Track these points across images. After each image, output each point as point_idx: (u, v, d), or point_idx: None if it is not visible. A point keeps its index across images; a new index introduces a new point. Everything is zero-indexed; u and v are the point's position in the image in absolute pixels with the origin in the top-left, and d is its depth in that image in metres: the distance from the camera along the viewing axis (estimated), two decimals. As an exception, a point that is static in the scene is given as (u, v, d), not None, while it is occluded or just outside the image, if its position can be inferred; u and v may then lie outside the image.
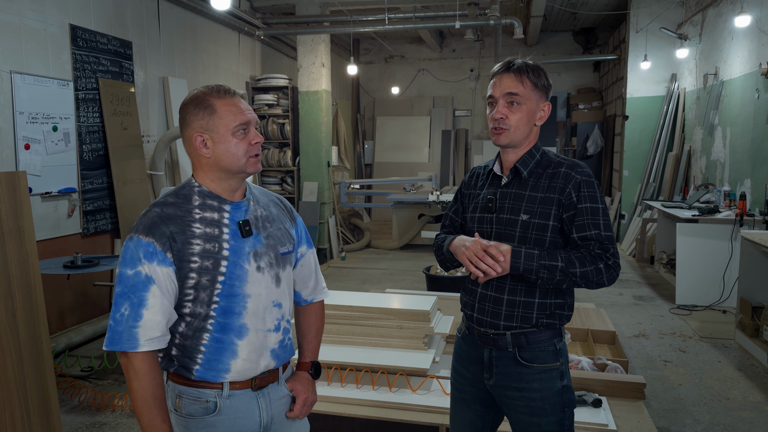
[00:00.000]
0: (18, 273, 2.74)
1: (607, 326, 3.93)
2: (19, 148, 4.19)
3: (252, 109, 1.57)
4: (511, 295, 1.66)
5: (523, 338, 1.67)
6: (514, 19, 7.08)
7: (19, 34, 4.23)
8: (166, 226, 1.41)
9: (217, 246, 1.44)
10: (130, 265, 1.39)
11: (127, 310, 1.37)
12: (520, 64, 1.66)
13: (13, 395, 2.66)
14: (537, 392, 1.66)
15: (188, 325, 1.45)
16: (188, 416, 1.47)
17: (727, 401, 3.51)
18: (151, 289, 1.38)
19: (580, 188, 1.63)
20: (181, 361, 1.47)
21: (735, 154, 6.30)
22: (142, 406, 1.38)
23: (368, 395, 2.77)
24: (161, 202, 1.46)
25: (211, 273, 1.42)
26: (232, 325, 1.45)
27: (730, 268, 5.32)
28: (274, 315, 1.53)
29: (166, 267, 1.39)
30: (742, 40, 6.15)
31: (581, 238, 1.61)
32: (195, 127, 1.45)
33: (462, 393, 1.82)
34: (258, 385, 1.51)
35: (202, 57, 6.83)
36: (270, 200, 1.63)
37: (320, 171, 8.01)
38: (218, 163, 1.46)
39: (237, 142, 1.45)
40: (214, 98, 1.45)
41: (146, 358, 1.39)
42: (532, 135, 1.70)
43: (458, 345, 1.85)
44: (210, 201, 1.47)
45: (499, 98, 1.65)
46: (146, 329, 1.37)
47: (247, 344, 1.47)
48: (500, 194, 1.71)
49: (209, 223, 1.45)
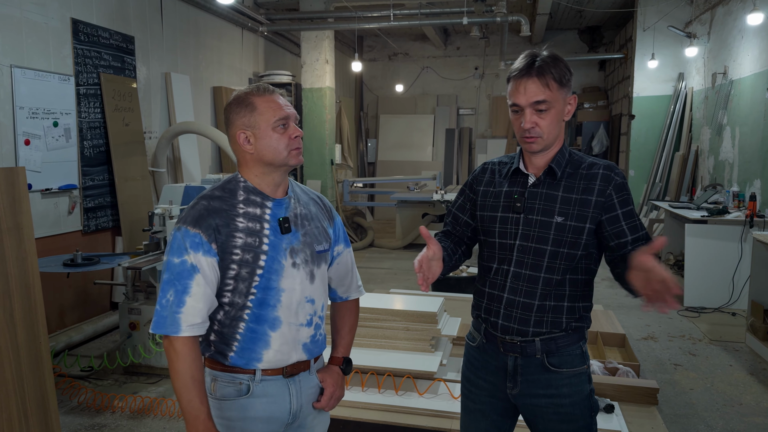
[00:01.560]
0: (16, 272, 2.68)
1: (616, 329, 3.86)
2: (19, 144, 4.12)
3: (291, 105, 1.60)
4: (542, 300, 1.59)
5: (553, 344, 1.60)
6: (521, 16, 7.00)
7: (19, 27, 4.16)
8: (212, 219, 1.48)
9: (258, 240, 1.51)
10: (177, 253, 1.46)
11: (171, 296, 1.45)
12: (542, 64, 1.53)
13: (11, 397, 2.59)
14: (567, 398, 1.60)
15: (226, 314, 1.52)
16: (222, 398, 1.53)
17: (740, 406, 3.44)
18: (195, 278, 1.45)
19: (622, 191, 1.58)
20: (218, 347, 1.54)
21: (744, 155, 6.22)
22: (182, 387, 1.44)
23: (374, 398, 2.70)
24: (208, 195, 1.53)
25: (251, 266, 1.49)
26: (266, 317, 1.52)
27: (740, 270, 5.23)
28: (306, 310, 1.58)
29: (211, 257, 1.47)
30: (752, 38, 6.06)
31: (635, 239, 1.57)
32: (238, 125, 1.53)
33: (478, 404, 1.72)
34: (289, 372, 1.57)
35: (205, 53, 6.76)
36: (310, 199, 1.68)
37: (323, 169, 7.94)
38: (261, 158, 1.53)
39: (278, 137, 1.52)
40: (254, 96, 1.53)
41: (187, 342, 1.45)
42: (561, 132, 1.63)
43: (470, 354, 1.75)
44: (254, 197, 1.54)
45: (525, 107, 1.54)
46: (188, 315, 1.44)
47: (279, 336, 1.53)
48: (528, 194, 1.62)
49: (252, 218, 1.52)
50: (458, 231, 1.79)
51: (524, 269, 1.59)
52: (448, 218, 1.82)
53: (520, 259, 1.60)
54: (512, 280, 1.61)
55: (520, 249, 1.60)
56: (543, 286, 1.59)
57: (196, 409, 1.43)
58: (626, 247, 1.56)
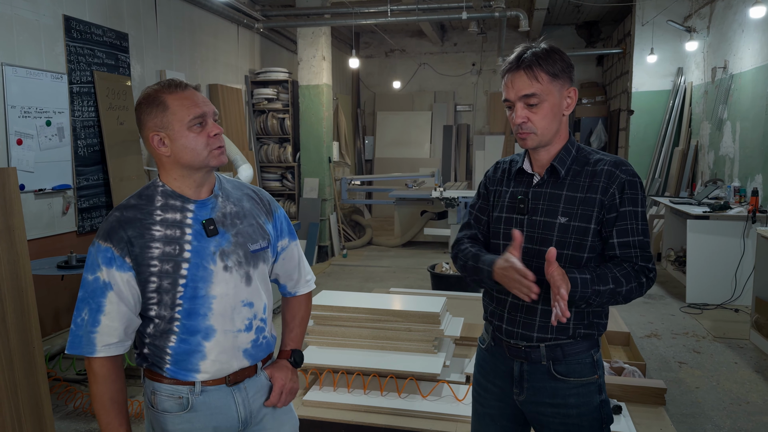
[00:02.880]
0: (8, 275, 2.62)
1: (620, 327, 3.81)
2: (11, 144, 4.04)
3: (209, 100, 1.50)
4: (545, 304, 1.52)
5: (559, 351, 1.53)
6: (520, 11, 6.94)
7: (10, 25, 4.08)
8: (124, 231, 1.40)
9: (177, 248, 1.42)
10: (90, 270, 1.41)
11: (86, 315, 1.40)
12: (530, 57, 1.47)
13: (3, 402, 2.53)
14: (574, 408, 1.53)
15: (155, 327, 1.46)
16: (164, 412, 1.48)
17: (747, 405, 3.39)
18: (108, 296, 1.39)
19: (625, 189, 1.49)
20: (153, 359, 1.48)
21: (745, 149, 6.17)
22: (100, 409, 1.42)
23: (377, 401, 2.65)
24: (123, 205, 1.45)
25: (172, 276, 1.41)
26: (197, 327, 1.45)
27: (743, 266, 5.19)
28: (244, 315, 1.50)
29: (125, 272, 1.39)
30: (753, 32, 6.01)
31: (622, 244, 1.48)
32: (150, 126, 1.42)
33: (487, 408, 1.67)
34: (233, 380, 1.50)
35: (201, 50, 6.67)
36: (243, 194, 1.58)
37: (321, 167, 7.87)
38: (179, 161, 1.43)
39: (194, 137, 1.42)
40: (165, 94, 1.42)
41: (105, 363, 1.41)
42: (562, 128, 1.54)
43: (481, 357, 1.70)
44: (173, 201, 1.45)
45: (515, 101, 1.49)
46: (103, 335, 1.39)
47: (215, 345, 1.46)
48: (532, 194, 1.56)
49: (170, 225, 1.43)
50: (483, 232, 1.71)
51: None
52: (470, 219, 1.74)
53: (525, 262, 1.52)
54: None
55: (524, 251, 1.53)
56: (546, 289, 1.49)
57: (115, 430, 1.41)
58: (613, 250, 1.49)
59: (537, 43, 1.52)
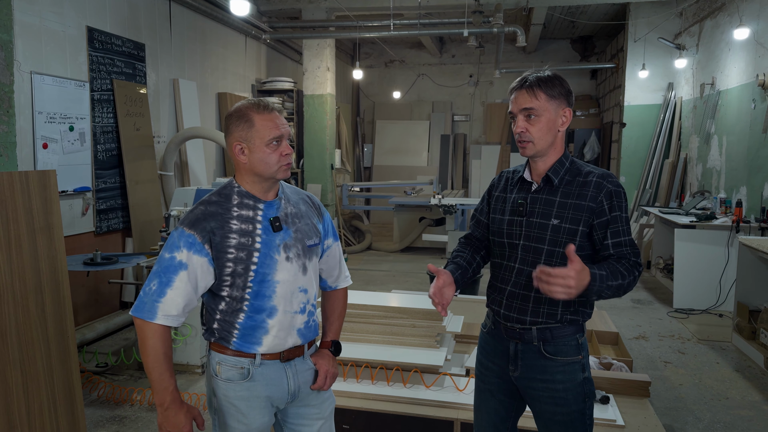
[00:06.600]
0: (47, 269, 2.82)
1: (609, 327, 4.05)
2: (37, 147, 4.27)
3: (287, 123, 1.76)
4: (538, 292, 1.75)
5: (548, 333, 1.78)
6: (518, 27, 7.22)
7: (39, 35, 4.31)
8: (208, 222, 1.64)
9: (250, 240, 1.66)
10: (169, 250, 1.63)
11: (155, 286, 1.61)
12: (533, 80, 1.75)
13: (42, 387, 2.74)
14: (560, 383, 1.78)
15: (228, 305, 1.69)
16: (227, 380, 1.70)
17: (726, 400, 3.64)
18: (180, 274, 1.61)
19: (612, 198, 1.74)
20: (222, 334, 1.70)
21: (731, 162, 6.45)
22: (154, 362, 1.60)
23: (384, 390, 2.86)
24: (206, 201, 1.70)
25: (245, 263, 1.65)
26: (263, 306, 1.69)
27: (727, 274, 5.45)
28: (300, 299, 1.75)
29: (202, 257, 1.62)
30: (739, 51, 6.31)
31: (616, 243, 1.73)
32: (235, 136, 1.68)
33: (487, 384, 1.93)
34: (286, 357, 1.74)
35: (211, 59, 6.92)
36: (300, 198, 1.84)
37: (324, 173, 8.11)
38: (253, 169, 1.69)
39: (270, 153, 1.66)
40: (253, 112, 1.67)
41: (158, 330, 1.60)
42: (557, 142, 1.80)
43: (483, 339, 1.96)
44: (246, 200, 1.70)
45: (517, 114, 1.77)
46: (166, 305, 1.60)
47: (276, 323, 1.70)
48: (531, 199, 1.81)
49: (245, 220, 1.68)
50: (480, 234, 1.98)
51: (526, 266, 1.79)
52: (471, 222, 2.03)
53: (524, 257, 1.79)
54: (516, 275, 1.81)
55: (523, 248, 1.79)
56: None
57: (167, 381, 1.60)
58: (608, 250, 1.74)
59: (542, 71, 1.80)
